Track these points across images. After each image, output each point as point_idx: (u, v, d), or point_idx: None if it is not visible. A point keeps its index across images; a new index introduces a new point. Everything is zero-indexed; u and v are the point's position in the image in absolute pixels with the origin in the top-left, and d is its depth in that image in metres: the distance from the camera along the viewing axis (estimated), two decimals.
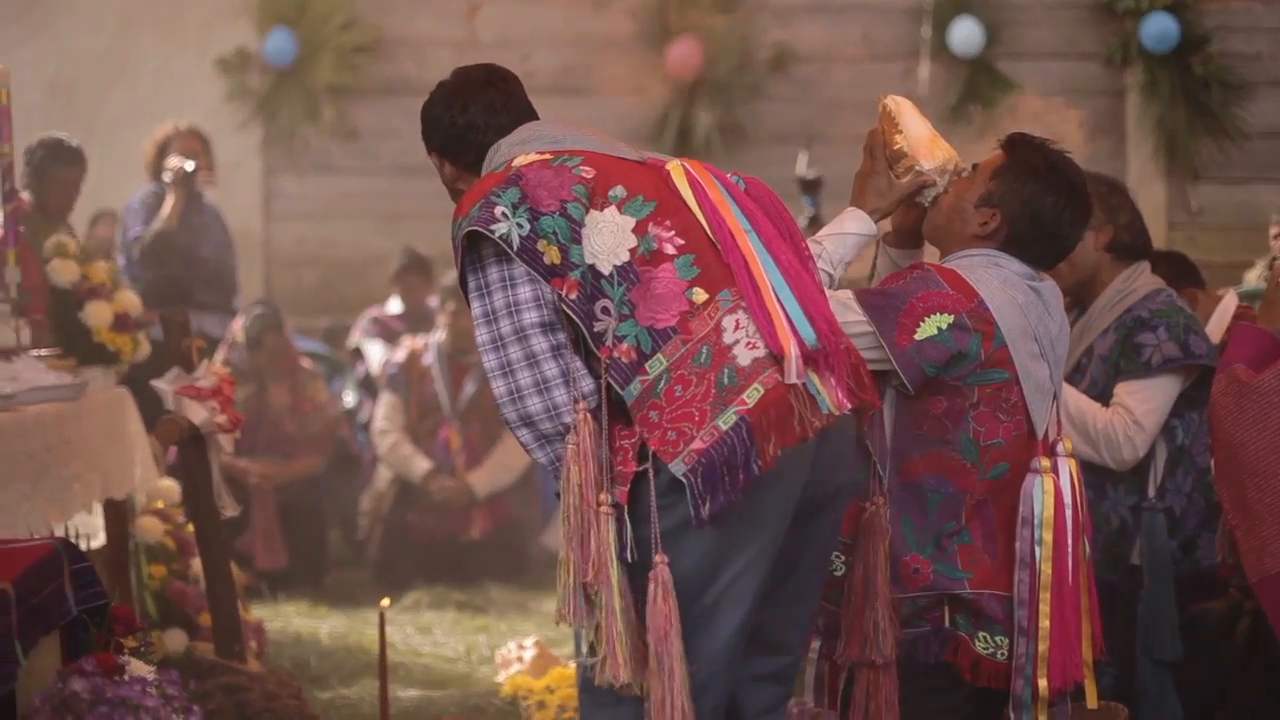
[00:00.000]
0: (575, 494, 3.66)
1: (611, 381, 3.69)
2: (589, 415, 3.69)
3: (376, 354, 9.73)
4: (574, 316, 3.69)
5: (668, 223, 3.76)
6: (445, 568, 9.00)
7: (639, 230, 3.74)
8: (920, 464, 4.11)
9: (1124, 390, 5.06)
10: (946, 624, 4.14)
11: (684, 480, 3.61)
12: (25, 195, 7.06)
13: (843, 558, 4.13)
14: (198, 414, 5.71)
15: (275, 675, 5.86)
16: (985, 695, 4.16)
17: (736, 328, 3.68)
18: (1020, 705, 4.10)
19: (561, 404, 3.70)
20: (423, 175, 7.33)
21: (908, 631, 4.12)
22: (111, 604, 4.01)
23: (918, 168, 4.25)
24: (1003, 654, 4.12)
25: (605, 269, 3.71)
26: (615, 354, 3.68)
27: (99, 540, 6.11)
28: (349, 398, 9.95)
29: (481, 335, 3.76)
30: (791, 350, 3.65)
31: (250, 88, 10.58)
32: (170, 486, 6.69)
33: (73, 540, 4.58)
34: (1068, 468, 4.16)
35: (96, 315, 5.98)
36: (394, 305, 10.10)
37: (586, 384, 3.71)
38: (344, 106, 10.54)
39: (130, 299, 6.18)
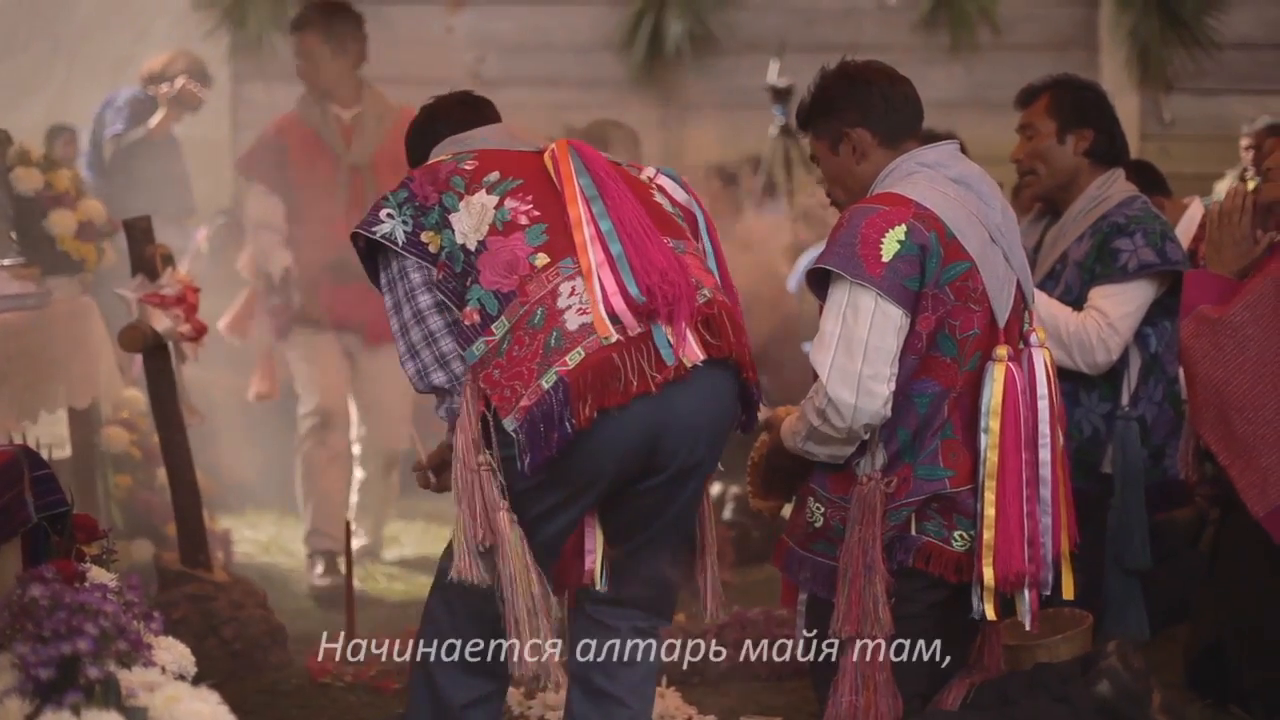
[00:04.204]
0: (460, 459, 3.91)
1: (459, 346, 3.92)
2: (466, 385, 3.91)
3: None
4: (444, 295, 3.95)
5: (529, 197, 3.96)
6: (413, 478, 8.95)
7: (498, 205, 3.94)
8: (907, 376, 4.10)
9: (1099, 294, 5.05)
10: (913, 531, 4.14)
11: (513, 435, 3.81)
12: None
13: (821, 510, 4.16)
14: (161, 322, 5.66)
15: (241, 584, 5.84)
16: (960, 593, 4.17)
17: (571, 294, 3.85)
18: (978, 593, 4.12)
19: (461, 374, 3.95)
20: (389, 84, 7.26)
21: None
22: (73, 511, 3.99)
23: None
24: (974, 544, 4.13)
25: (472, 245, 3.93)
26: (461, 318, 3.90)
27: (65, 450, 6.08)
28: None
29: (392, 323, 4.03)
30: (602, 310, 3.81)
31: None
32: (136, 396, 6.65)
33: (38, 449, 4.53)
34: (1042, 358, 4.16)
35: (60, 223, 5.91)
36: None
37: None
38: None
39: (95, 207, 6.10)
